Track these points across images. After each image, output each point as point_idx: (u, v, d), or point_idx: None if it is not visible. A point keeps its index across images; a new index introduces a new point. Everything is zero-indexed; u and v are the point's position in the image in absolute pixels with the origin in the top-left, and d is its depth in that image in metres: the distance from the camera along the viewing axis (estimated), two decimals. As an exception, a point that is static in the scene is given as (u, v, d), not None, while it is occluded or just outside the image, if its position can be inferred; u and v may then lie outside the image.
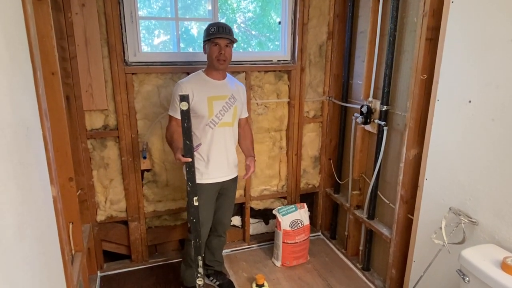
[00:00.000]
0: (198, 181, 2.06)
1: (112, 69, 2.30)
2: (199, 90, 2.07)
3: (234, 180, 2.30)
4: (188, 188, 1.87)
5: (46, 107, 1.40)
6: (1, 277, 0.79)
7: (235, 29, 2.98)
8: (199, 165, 2.12)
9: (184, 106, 1.74)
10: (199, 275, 2.00)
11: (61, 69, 1.91)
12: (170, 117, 2.12)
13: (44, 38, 1.65)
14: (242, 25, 3.07)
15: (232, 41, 2.08)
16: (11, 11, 1.08)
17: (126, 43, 2.33)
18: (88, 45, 2.22)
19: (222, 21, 2.50)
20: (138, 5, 2.34)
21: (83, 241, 2.09)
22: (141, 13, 2.46)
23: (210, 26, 2.07)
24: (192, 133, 1.95)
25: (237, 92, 2.20)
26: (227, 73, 2.21)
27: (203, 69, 2.16)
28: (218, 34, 2.03)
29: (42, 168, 1.28)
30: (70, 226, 1.94)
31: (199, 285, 1.99)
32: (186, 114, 1.75)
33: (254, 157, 2.32)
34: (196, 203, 1.90)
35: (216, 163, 2.15)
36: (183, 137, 1.81)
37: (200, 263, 2.00)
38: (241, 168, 2.39)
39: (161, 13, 2.72)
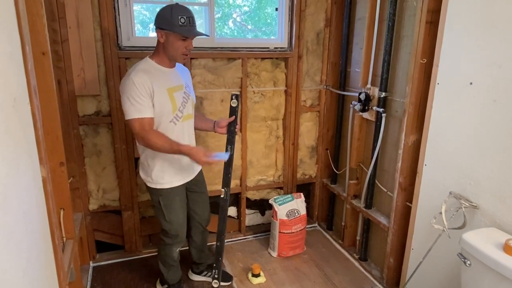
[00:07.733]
0: (169, 185, 1.98)
1: (105, 53, 2.24)
2: (157, 82, 1.81)
3: (200, 173, 2.18)
4: (226, 197, 2.00)
5: (35, 83, 1.34)
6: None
7: (230, 25, 2.93)
8: (166, 168, 1.96)
9: (234, 103, 1.89)
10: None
11: (52, 52, 1.84)
12: (140, 120, 1.77)
13: (34, 16, 1.59)
14: (238, 19, 3.02)
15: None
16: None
17: (120, 27, 2.27)
18: (80, 28, 2.15)
19: (218, 15, 2.36)
20: (132, -12, 2.28)
21: (74, 228, 2.03)
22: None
23: (178, 13, 1.74)
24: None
25: (187, 78, 2.06)
26: None
27: (150, 56, 1.88)
28: (191, 31, 1.78)
29: (30, 145, 1.22)
30: (61, 212, 1.88)
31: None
32: (235, 110, 1.92)
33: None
34: (226, 196, 2.01)
35: (183, 162, 1.98)
36: (230, 135, 1.97)
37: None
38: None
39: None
